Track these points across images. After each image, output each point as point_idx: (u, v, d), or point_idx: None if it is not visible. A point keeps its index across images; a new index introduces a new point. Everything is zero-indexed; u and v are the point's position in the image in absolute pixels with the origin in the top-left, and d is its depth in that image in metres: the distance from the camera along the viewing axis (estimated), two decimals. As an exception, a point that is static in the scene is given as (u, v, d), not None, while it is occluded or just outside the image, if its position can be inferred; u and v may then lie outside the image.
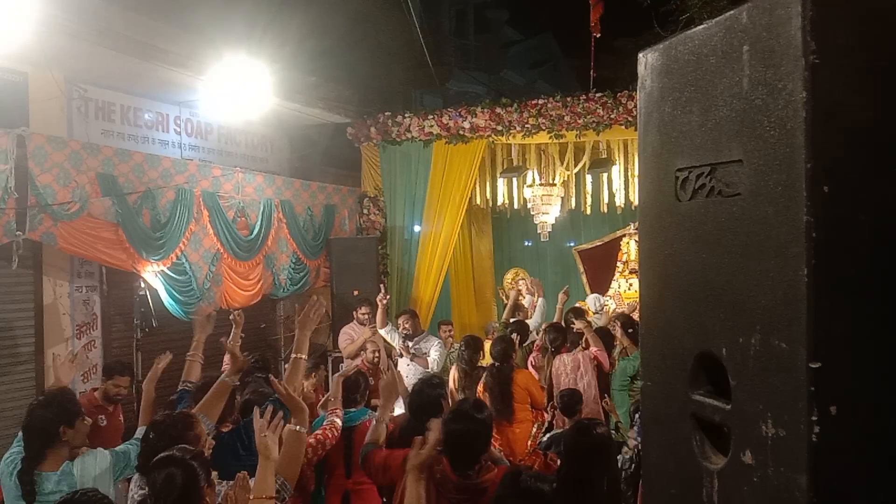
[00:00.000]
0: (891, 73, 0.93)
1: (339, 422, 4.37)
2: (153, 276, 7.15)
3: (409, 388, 4.78)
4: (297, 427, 3.48)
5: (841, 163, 0.93)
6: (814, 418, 0.94)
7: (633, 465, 4.84)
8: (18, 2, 4.06)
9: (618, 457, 4.32)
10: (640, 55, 1.30)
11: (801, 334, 0.95)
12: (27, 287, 6.82)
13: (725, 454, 1.13)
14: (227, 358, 4.92)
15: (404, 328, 7.83)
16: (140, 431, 3.92)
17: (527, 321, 8.06)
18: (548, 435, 5.74)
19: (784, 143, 0.96)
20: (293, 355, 4.18)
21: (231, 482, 2.98)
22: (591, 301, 10.42)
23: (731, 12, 1.06)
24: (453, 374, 6.68)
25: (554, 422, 6.16)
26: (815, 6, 0.92)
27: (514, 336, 7.01)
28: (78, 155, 6.49)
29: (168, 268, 7.25)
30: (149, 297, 7.39)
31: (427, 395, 4.15)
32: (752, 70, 1.02)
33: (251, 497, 2.82)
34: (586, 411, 6.02)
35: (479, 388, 6.20)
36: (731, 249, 1.08)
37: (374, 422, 3.99)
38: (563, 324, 7.58)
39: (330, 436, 4.26)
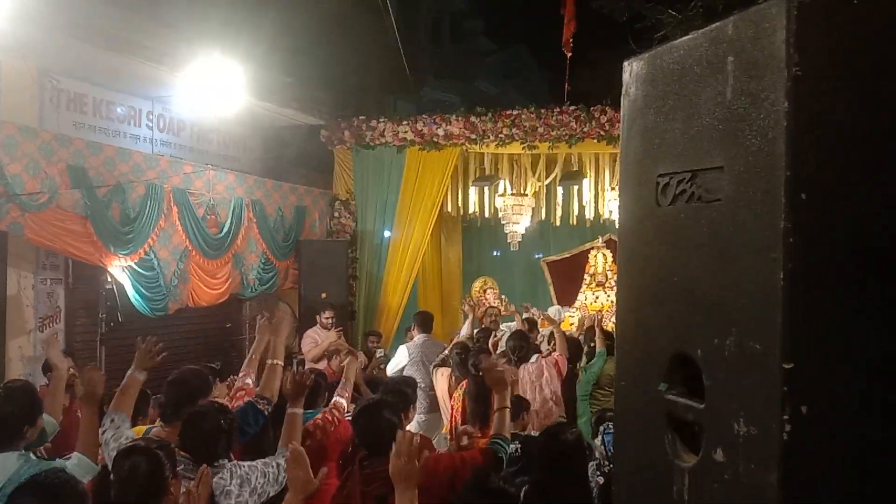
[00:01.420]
0: (869, 87, 0.97)
1: (343, 402, 4.35)
2: (120, 270, 7.08)
3: None
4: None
5: (819, 172, 0.96)
6: (785, 417, 0.97)
7: (601, 476, 4.88)
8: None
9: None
10: (626, 63, 1.33)
11: (776, 336, 0.98)
12: (-10, 278, 6.74)
13: (697, 453, 1.16)
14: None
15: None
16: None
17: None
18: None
19: (765, 152, 1.00)
20: (269, 361, 4.15)
21: None
22: (553, 311, 10.48)
23: (717, 24, 1.09)
24: (443, 378, 6.70)
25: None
26: (799, 20, 0.96)
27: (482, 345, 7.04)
28: (49, 146, 6.43)
29: (136, 263, 7.19)
30: (115, 291, 7.31)
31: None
32: (736, 80, 1.06)
33: None
34: (554, 417, 6.06)
35: (457, 394, 6.21)
36: (709, 253, 1.11)
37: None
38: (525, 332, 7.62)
39: (330, 418, 4.25)
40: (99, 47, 6.90)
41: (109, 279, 7.26)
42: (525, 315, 8.49)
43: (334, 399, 4.47)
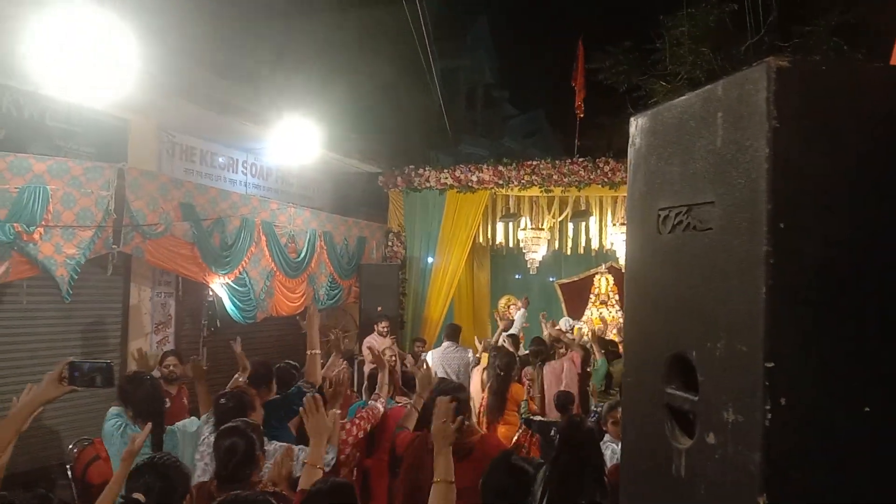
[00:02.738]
0: (836, 135, 0.96)
1: (380, 407, 4.31)
2: (220, 286, 7.17)
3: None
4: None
5: (795, 205, 0.95)
6: (767, 407, 0.95)
7: None
8: (125, 62, 4.11)
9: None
10: (632, 119, 1.32)
11: (759, 340, 0.97)
12: (117, 291, 6.86)
13: (692, 437, 1.14)
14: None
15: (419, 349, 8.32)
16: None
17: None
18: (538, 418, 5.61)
19: (749, 189, 0.99)
20: (308, 352, 4.09)
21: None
22: (563, 323, 10.41)
23: (708, 86, 1.09)
24: (476, 376, 6.66)
25: None
26: (777, 82, 0.95)
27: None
28: (165, 187, 6.56)
29: (232, 281, 7.28)
30: (215, 303, 7.40)
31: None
32: (725, 131, 1.05)
33: (305, 463, 2.79)
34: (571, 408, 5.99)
35: (484, 388, 6.17)
36: (702, 272, 1.10)
37: (409, 408, 3.90)
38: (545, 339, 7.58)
39: (367, 416, 4.18)
40: (206, 109, 7.04)
41: (211, 293, 7.36)
42: (546, 329, 8.46)
43: (369, 403, 4.38)
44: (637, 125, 1.31)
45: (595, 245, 10.32)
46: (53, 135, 6.07)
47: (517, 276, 12.51)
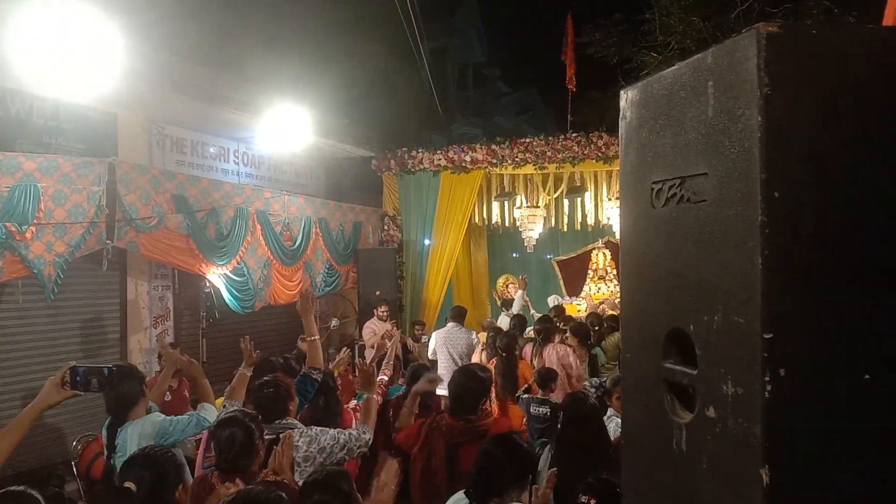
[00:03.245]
0: (829, 102, 0.94)
1: (385, 379, 4.30)
2: (217, 277, 7.16)
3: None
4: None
5: (789, 173, 0.93)
6: (766, 379, 0.94)
7: None
8: (110, 56, 4.07)
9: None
10: (622, 91, 1.30)
11: (756, 311, 0.95)
12: (114, 286, 6.84)
13: (692, 411, 1.13)
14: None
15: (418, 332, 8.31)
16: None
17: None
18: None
19: (742, 158, 0.97)
20: (308, 339, 4.06)
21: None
22: (550, 301, 10.45)
23: (698, 55, 1.07)
24: (476, 356, 6.65)
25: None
26: (767, 49, 0.93)
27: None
28: (157, 179, 6.52)
29: (230, 271, 7.26)
30: (213, 294, 7.39)
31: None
32: (716, 101, 1.03)
33: None
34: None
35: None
36: (697, 245, 1.08)
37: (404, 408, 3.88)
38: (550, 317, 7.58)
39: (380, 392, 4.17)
40: (195, 100, 6.98)
41: (208, 285, 7.35)
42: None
43: (379, 377, 4.37)
44: (627, 98, 1.29)
45: (591, 221, 10.30)
46: (41, 132, 6.01)
47: (515, 255, 12.51)
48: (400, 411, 3.94)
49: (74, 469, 5.31)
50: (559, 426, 3.66)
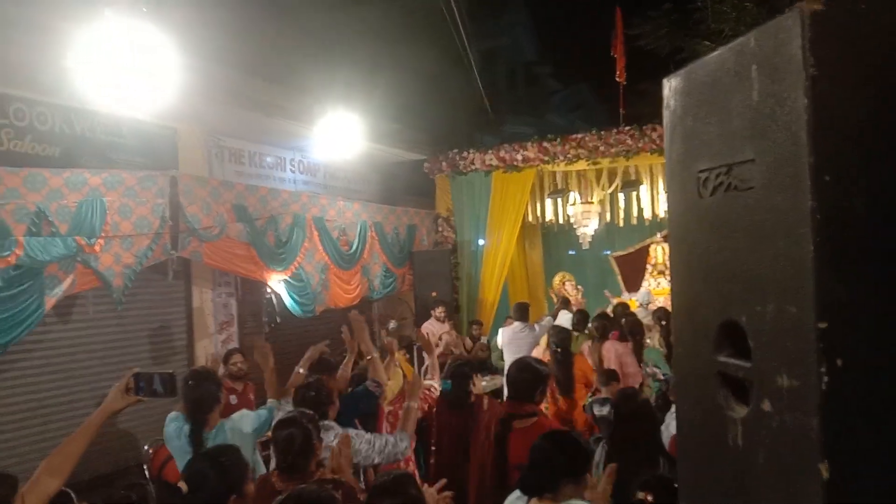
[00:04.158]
0: (878, 80, 0.90)
1: (434, 392, 4.34)
2: (277, 283, 7.31)
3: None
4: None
5: (839, 156, 0.90)
6: (822, 370, 0.91)
7: None
8: (168, 72, 4.20)
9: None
10: (665, 80, 1.27)
11: (810, 300, 0.92)
12: (180, 294, 7.04)
13: (747, 405, 1.10)
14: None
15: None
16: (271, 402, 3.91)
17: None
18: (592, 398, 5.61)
19: (790, 143, 0.94)
20: (367, 357, 4.13)
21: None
22: (641, 296, 10.28)
23: (740, 39, 1.04)
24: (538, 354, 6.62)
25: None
26: (812, 28, 0.90)
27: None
28: (217, 190, 6.69)
29: (289, 277, 7.41)
30: (273, 300, 7.54)
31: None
32: (761, 85, 1.00)
33: None
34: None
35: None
36: (747, 234, 1.05)
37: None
38: (611, 314, 7.50)
39: (424, 397, 4.20)
40: (251, 111, 7.14)
41: (269, 290, 7.50)
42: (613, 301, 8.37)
43: (425, 383, 4.40)
44: (670, 86, 1.26)
45: (648, 214, 10.11)
46: (105, 148, 6.24)
47: (571, 252, 12.37)
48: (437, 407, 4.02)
49: (147, 473, 5.50)
50: (611, 425, 3.63)
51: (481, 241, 9.98)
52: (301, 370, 4.10)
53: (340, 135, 7.70)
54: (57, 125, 5.85)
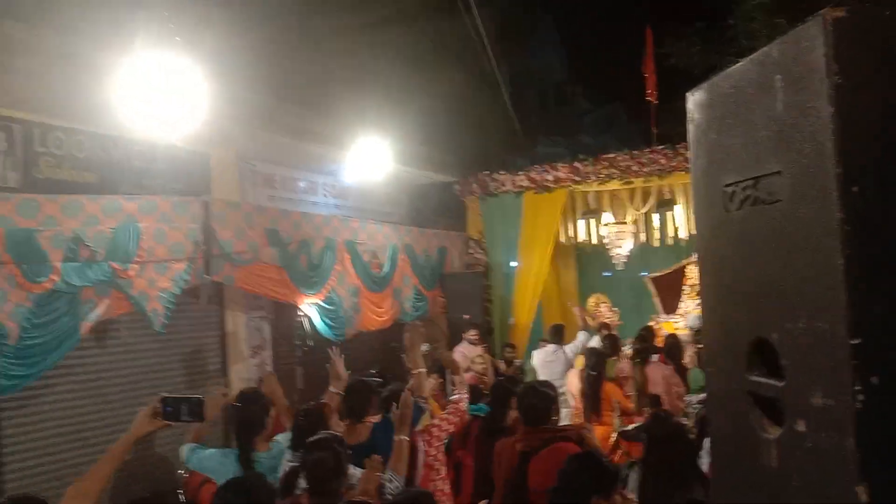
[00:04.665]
0: (906, 87, 0.88)
1: (462, 404, 4.28)
2: (309, 306, 7.35)
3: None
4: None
5: (866, 166, 0.88)
6: (857, 388, 0.88)
7: None
8: (201, 99, 4.29)
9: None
10: (688, 94, 1.26)
11: (842, 316, 0.89)
12: (214, 318, 7.11)
13: (781, 425, 1.07)
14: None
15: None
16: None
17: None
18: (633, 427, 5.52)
19: (816, 153, 0.92)
20: (413, 371, 4.12)
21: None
22: (691, 320, 10.09)
23: (763, 49, 1.02)
24: (573, 377, 6.56)
25: None
26: (835, 36, 0.88)
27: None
28: (250, 215, 6.77)
29: (322, 300, 7.44)
30: (306, 323, 7.58)
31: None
32: (785, 95, 0.98)
33: None
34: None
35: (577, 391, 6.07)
36: (775, 248, 1.03)
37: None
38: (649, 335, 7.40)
39: (452, 412, 4.12)
40: (284, 136, 7.25)
41: (301, 314, 7.54)
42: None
43: (453, 399, 4.31)
44: (694, 100, 1.25)
45: (683, 234, 9.99)
46: (139, 174, 6.38)
47: (606, 274, 12.24)
48: (478, 431, 3.98)
49: (182, 497, 5.53)
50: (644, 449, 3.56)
51: (513, 263, 9.94)
52: (333, 390, 4.12)
53: (371, 158, 7.77)
54: (94, 153, 6.00)
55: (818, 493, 0.96)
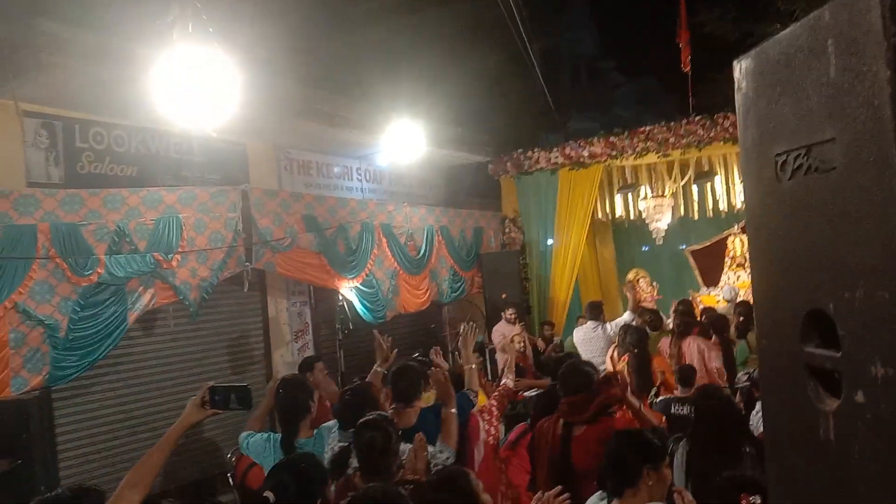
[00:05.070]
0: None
1: (510, 384, 4.29)
2: (349, 290, 7.43)
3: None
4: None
5: (928, 129, 0.85)
6: (920, 357, 0.86)
7: None
8: (236, 89, 4.33)
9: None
10: (735, 62, 1.23)
11: (903, 284, 0.87)
12: (256, 304, 7.24)
13: (838, 397, 1.05)
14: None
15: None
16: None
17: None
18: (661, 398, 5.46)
19: (873, 119, 0.89)
20: (465, 367, 4.13)
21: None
22: (725, 291, 9.97)
23: (814, 13, 0.99)
24: (612, 355, 6.49)
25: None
26: (892, -5, 0.85)
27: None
28: (287, 202, 6.85)
29: (360, 284, 7.51)
30: (345, 307, 7.66)
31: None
32: (838, 59, 0.95)
33: None
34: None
35: (620, 366, 6.01)
36: (830, 217, 1.01)
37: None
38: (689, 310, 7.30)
39: (499, 395, 4.11)
40: (318, 123, 7.29)
41: (341, 298, 7.62)
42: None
43: (502, 381, 4.35)
44: (741, 68, 1.22)
45: (724, 206, 9.81)
46: (178, 166, 6.49)
47: (644, 248, 12.10)
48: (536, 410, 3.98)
49: (231, 481, 5.66)
50: (692, 423, 3.53)
51: (550, 241, 9.88)
52: (380, 369, 4.18)
53: (405, 141, 7.77)
54: (133, 146, 6.12)
55: (880, 465, 0.94)
